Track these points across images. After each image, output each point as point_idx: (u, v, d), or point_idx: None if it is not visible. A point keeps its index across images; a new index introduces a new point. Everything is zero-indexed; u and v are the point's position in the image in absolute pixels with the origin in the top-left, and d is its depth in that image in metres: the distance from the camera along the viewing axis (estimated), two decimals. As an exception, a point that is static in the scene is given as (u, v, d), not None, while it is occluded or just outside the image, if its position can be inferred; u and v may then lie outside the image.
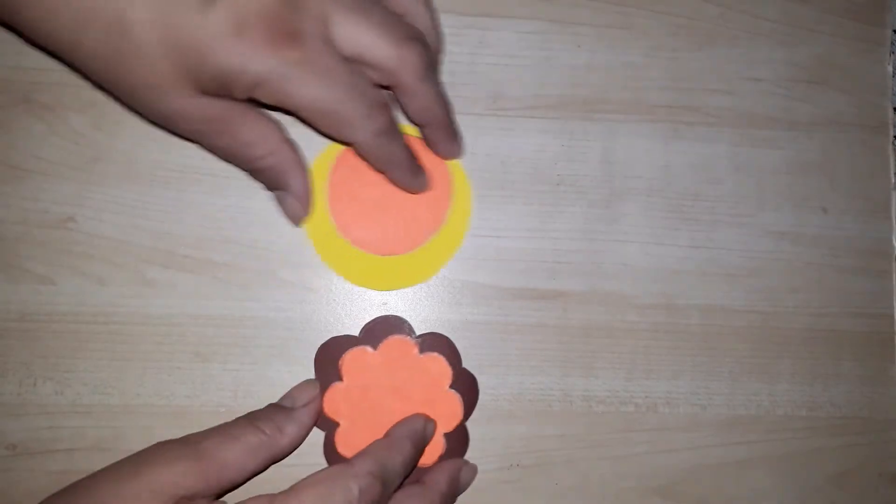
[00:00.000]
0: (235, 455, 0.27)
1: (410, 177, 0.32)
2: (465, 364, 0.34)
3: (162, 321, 0.33)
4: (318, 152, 0.34)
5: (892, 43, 0.38)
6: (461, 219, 0.34)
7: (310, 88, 0.26)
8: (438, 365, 0.33)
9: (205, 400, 0.33)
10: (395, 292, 0.34)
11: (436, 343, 0.34)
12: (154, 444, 0.28)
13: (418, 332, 0.34)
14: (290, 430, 0.30)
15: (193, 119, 0.28)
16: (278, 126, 0.30)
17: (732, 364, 0.35)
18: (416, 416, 0.32)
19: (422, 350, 0.33)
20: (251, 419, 0.29)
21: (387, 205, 0.34)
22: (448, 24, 0.35)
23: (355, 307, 0.34)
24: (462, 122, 0.35)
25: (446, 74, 0.35)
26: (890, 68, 0.37)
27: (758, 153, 0.36)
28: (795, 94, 0.37)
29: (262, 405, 0.32)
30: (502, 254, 0.35)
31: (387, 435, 0.31)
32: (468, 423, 0.34)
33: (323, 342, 0.33)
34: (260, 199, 0.34)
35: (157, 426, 0.33)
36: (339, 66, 0.27)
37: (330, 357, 0.33)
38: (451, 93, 0.35)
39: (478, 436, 0.34)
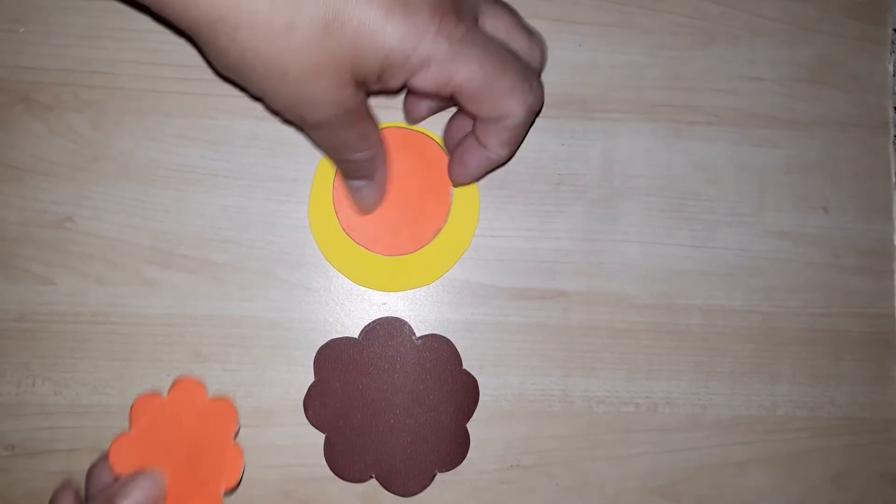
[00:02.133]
0: None
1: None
2: (466, 364, 0.34)
3: (161, 321, 0.33)
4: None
5: (893, 42, 0.38)
6: (467, 221, 0.34)
7: (472, 64, 0.26)
8: (225, 412, 0.31)
9: (204, 400, 0.33)
10: (394, 293, 0.34)
11: (436, 344, 0.33)
12: None
13: (419, 333, 0.34)
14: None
15: (332, 108, 0.26)
16: (377, 120, 0.30)
17: (733, 364, 0.35)
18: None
19: (422, 351, 0.33)
20: None
21: (392, 205, 0.34)
22: (448, 23, 0.35)
23: (355, 307, 0.34)
24: (462, 121, 0.34)
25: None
26: (891, 67, 0.37)
27: (758, 153, 0.36)
28: (796, 94, 0.37)
29: (261, 405, 0.32)
30: (502, 254, 0.35)
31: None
32: (469, 425, 0.34)
33: (323, 344, 0.33)
34: (259, 199, 0.34)
35: (157, 426, 0.33)
36: (493, 42, 0.27)
37: (329, 359, 0.33)
38: (451, 92, 0.35)
39: (478, 436, 0.34)
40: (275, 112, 0.28)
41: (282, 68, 0.25)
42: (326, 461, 0.33)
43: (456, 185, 0.34)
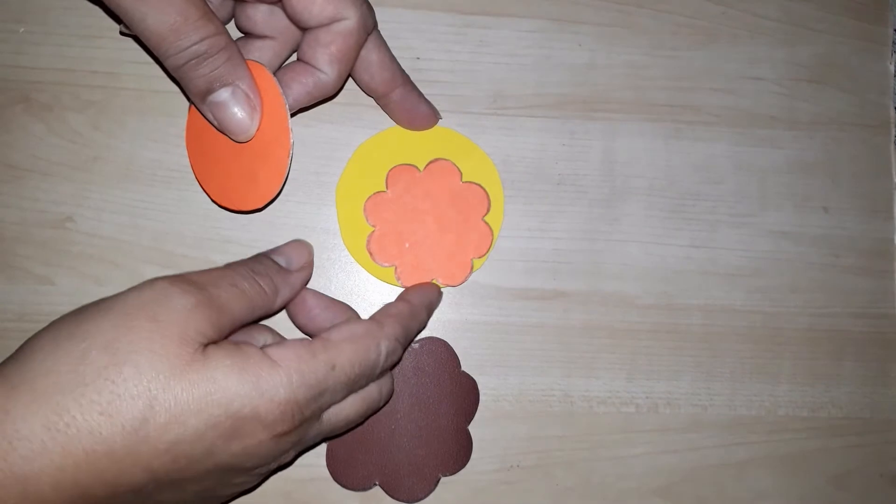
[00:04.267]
0: (241, 309, 0.26)
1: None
2: (466, 364, 0.34)
3: (161, 321, 0.33)
4: (359, 143, 0.34)
5: (893, 42, 0.38)
6: (492, 225, 0.34)
7: None
8: (477, 195, 0.34)
9: (204, 400, 0.33)
10: (394, 293, 0.34)
11: (434, 347, 0.33)
12: (152, 285, 0.24)
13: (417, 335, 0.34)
14: (284, 294, 0.29)
15: None
16: (209, 8, 0.26)
17: (733, 364, 0.35)
18: (431, 286, 0.33)
19: (419, 355, 0.33)
20: (252, 271, 0.27)
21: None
22: (448, 23, 0.35)
23: (354, 307, 0.34)
24: (463, 121, 0.34)
25: (447, 74, 0.35)
26: (891, 67, 0.37)
27: (759, 152, 0.36)
28: (796, 94, 0.37)
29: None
30: (503, 254, 0.35)
31: (407, 301, 0.31)
32: (470, 427, 0.34)
33: None
34: (259, 198, 0.34)
35: (157, 427, 0.33)
36: None
37: None
38: (452, 92, 0.35)
39: (478, 436, 0.34)
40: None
41: None
42: (329, 471, 0.33)
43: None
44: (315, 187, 0.34)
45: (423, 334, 0.34)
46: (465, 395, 0.33)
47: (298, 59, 0.29)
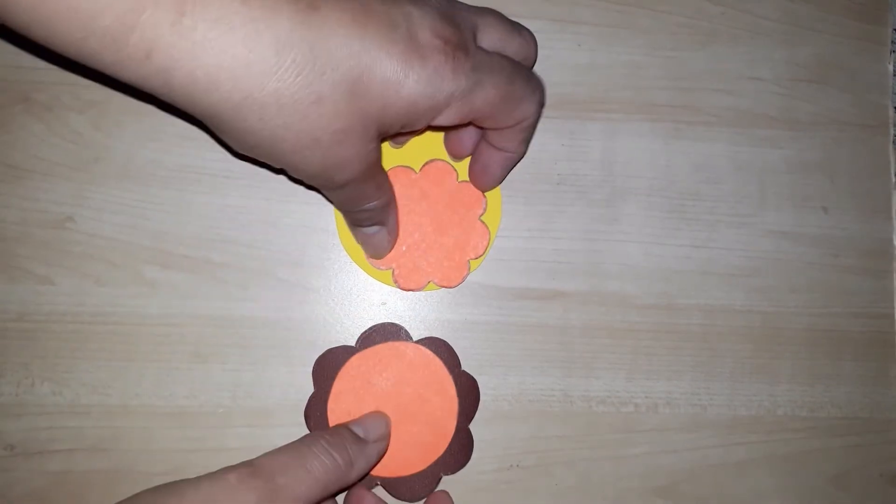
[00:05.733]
0: (308, 490, 0.27)
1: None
2: (466, 365, 0.34)
3: (161, 321, 0.33)
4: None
5: (893, 42, 0.38)
6: (490, 226, 0.34)
7: (488, 89, 0.27)
8: (473, 194, 0.34)
9: (204, 400, 0.33)
10: (394, 293, 0.34)
11: (434, 347, 0.33)
12: (215, 476, 0.26)
13: (417, 335, 0.34)
14: (360, 466, 0.29)
15: (360, 165, 0.26)
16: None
17: (733, 364, 0.35)
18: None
19: (421, 352, 0.33)
20: (328, 444, 0.28)
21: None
22: (448, 23, 0.35)
23: (354, 307, 0.34)
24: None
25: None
26: (890, 67, 0.37)
27: (758, 153, 0.36)
28: (796, 94, 0.37)
29: (261, 405, 0.32)
30: (502, 254, 0.35)
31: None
32: (470, 426, 0.34)
33: (320, 354, 0.33)
34: (259, 199, 0.34)
35: (156, 426, 0.33)
36: (496, 58, 0.27)
37: (328, 368, 0.33)
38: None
39: (478, 436, 0.34)
40: (298, 181, 0.28)
41: (314, 138, 0.24)
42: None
43: (485, 190, 0.34)
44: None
45: (424, 331, 0.34)
46: (466, 394, 0.33)
47: (488, 142, 0.31)
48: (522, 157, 0.32)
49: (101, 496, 0.32)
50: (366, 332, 0.33)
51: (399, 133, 0.27)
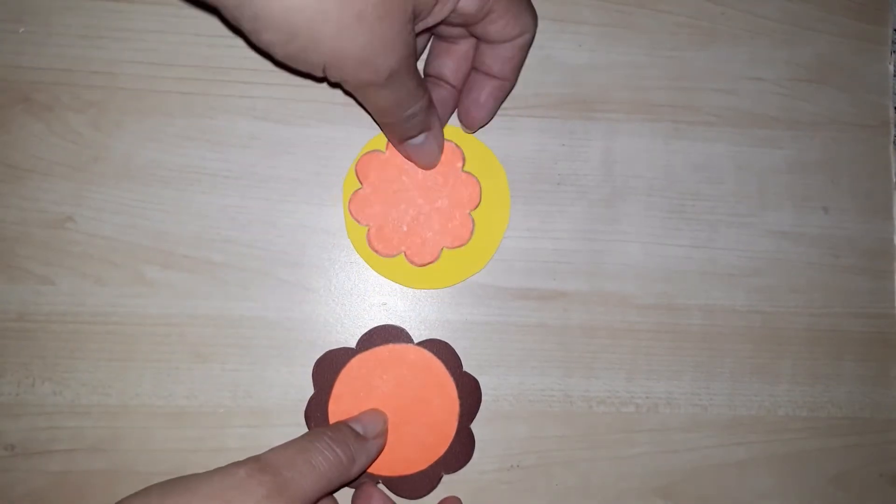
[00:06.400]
0: (314, 484, 0.27)
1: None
2: (466, 365, 0.34)
3: (161, 321, 0.33)
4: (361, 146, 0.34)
5: (893, 42, 0.38)
6: (496, 228, 0.34)
7: None
8: (447, 149, 0.34)
9: (203, 400, 0.33)
10: (394, 293, 0.34)
11: (435, 349, 0.33)
12: (227, 470, 0.27)
13: (418, 335, 0.34)
14: (361, 461, 0.30)
15: (403, 48, 0.26)
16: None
17: (733, 364, 0.35)
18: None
19: (423, 353, 0.33)
20: (331, 440, 0.29)
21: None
22: (448, 23, 0.35)
23: (355, 307, 0.34)
24: (462, 121, 0.34)
25: (446, 74, 0.35)
26: (891, 67, 0.37)
27: (759, 153, 0.36)
28: (796, 94, 0.37)
29: (261, 405, 0.32)
30: (502, 254, 0.35)
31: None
32: (472, 426, 0.34)
33: (320, 356, 0.33)
34: (259, 199, 0.34)
35: (156, 426, 0.33)
36: None
37: (328, 370, 0.33)
38: (451, 92, 0.34)
39: (478, 436, 0.34)
40: (336, 82, 0.27)
41: (357, 12, 0.24)
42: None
43: (475, 128, 0.33)
44: (315, 187, 0.34)
45: (425, 331, 0.34)
46: (468, 395, 0.33)
47: (477, 69, 0.31)
48: (512, 87, 0.32)
49: (101, 496, 0.32)
50: (366, 333, 0.33)
51: (424, 26, 0.27)
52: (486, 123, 0.33)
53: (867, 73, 0.37)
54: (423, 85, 0.29)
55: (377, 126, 0.34)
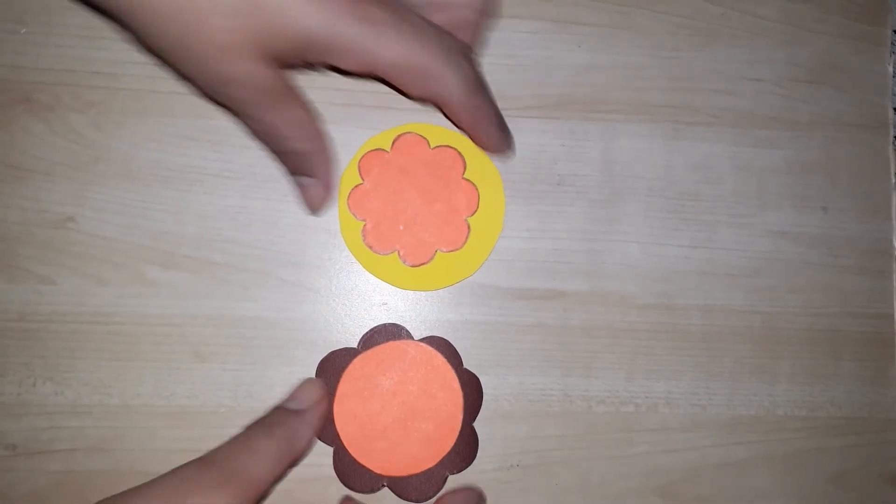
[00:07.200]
0: (260, 468, 0.28)
1: (499, 132, 0.33)
2: (466, 364, 0.34)
3: (162, 321, 0.33)
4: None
5: (893, 43, 0.38)
6: (490, 234, 0.34)
7: (395, 46, 0.26)
8: (449, 156, 0.34)
9: (204, 400, 0.33)
10: (394, 293, 0.34)
11: (436, 345, 0.33)
12: (175, 472, 0.27)
13: (418, 332, 0.34)
14: (304, 434, 0.31)
15: (249, 86, 0.27)
16: (317, 113, 0.30)
17: (732, 364, 0.35)
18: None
19: (423, 351, 0.33)
20: (267, 428, 0.29)
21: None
22: (448, 23, 0.35)
23: (355, 307, 0.34)
24: (462, 121, 0.35)
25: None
26: (890, 68, 0.37)
27: (758, 153, 0.36)
28: (796, 94, 0.37)
29: (261, 405, 0.32)
30: (502, 254, 0.35)
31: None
32: (474, 425, 0.34)
33: (322, 357, 0.33)
34: (260, 199, 0.34)
35: (157, 426, 0.33)
36: (421, 22, 0.27)
37: (330, 371, 0.33)
38: (452, 93, 0.35)
39: (478, 436, 0.34)
40: (220, 103, 0.29)
41: (194, 45, 0.25)
42: (337, 474, 0.33)
43: (493, 152, 0.34)
44: (315, 187, 0.34)
45: (425, 331, 0.34)
46: (470, 392, 0.33)
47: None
48: (493, 121, 0.32)
49: (102, 496, 0.32)
50: (367, 333, 0.33)
51: (305, 66, 0.28)
52: (510, 143, 0.34)
53: (866, 73, 0.37)
54: (305, 128, 0.30)
55: (377, 126, 0.34)
